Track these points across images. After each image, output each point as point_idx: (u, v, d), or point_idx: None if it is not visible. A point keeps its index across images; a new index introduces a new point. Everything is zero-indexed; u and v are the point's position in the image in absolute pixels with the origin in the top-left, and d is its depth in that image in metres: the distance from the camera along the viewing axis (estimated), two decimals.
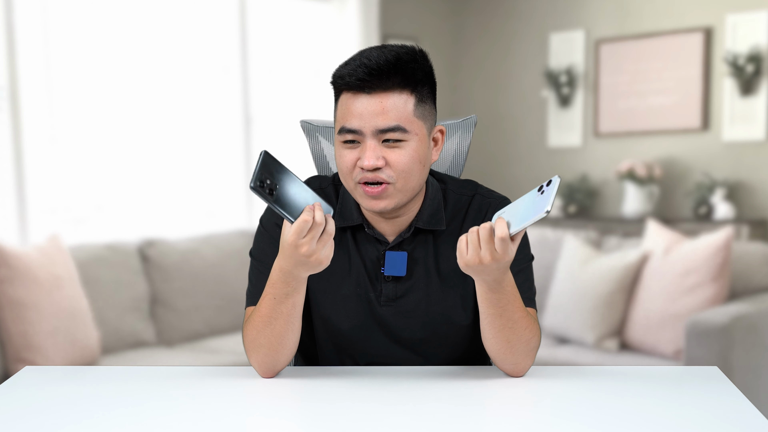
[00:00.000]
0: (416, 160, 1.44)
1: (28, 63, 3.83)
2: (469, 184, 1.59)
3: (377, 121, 1.42)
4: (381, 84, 1.42)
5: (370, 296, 1.53)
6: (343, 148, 1.46)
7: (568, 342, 3.72)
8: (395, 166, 1.43)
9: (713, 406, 1.29)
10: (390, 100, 1.42)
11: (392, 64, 1.42)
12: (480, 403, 1.31)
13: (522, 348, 1.43)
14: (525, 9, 5.95)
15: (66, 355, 3.19)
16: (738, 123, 5.03)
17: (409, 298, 1.52)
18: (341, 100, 1.46)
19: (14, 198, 3.81)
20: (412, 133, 1.44)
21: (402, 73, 1.42)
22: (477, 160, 5.96)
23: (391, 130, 1.42)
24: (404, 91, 1.43)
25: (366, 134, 1.43)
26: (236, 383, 1.44)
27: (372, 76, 1.41)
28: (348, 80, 1.43)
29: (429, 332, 1.54)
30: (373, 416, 1.25)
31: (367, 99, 1.42)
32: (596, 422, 1.22)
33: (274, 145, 4.90)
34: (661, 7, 5.32)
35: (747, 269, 3.56)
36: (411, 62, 1.44)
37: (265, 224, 1.56)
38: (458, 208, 1.56)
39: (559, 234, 4.08)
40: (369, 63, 1.41)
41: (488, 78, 6.16)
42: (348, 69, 1.43)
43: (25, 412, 1.30)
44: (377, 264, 1.53)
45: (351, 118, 1.43)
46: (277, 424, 1.25)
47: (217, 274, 3.94)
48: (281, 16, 4.94)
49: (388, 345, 1.55)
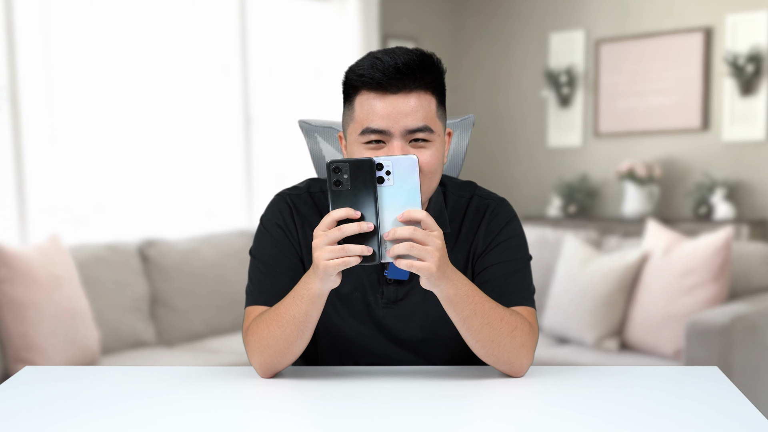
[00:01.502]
0: (439, 160, 1.44)
1: (28, 63, 3.83)
2: (468, 186, 1.59)
3: (407, 121, 1.39)
4: (411, 83, 1.39)
5: (368, 299, 1.52)
6: (364, 149, 1.42)
7: (568, 342, 3.72)
8: (423, 166, 1.41)
9: (713, 406, 1.29)
10: (417, 100, 1.40)
11: (420, 64, 1.40)
12: (480, 403, 1.31)
13: (508, 343, 1.41)
14: (525, 9, 5.95)
15: (66, 355, 3.19)
16: (738, 123, 5.03)
17: (409, 300, 1.52)
18: (360, 100, 1.42)
19: (14, 198, 3.81)
20: (436, 134, 1.42)
21: (430, 74, 1.41)
22: (477, 160, 5.97)
23: (420, 130, 1.40)
24: (428, 91, 1.41)
25: (394, 134, 1.40)
26: (236, 383, 1.44)
27: (402, 74, 1.38)
28: (378, 77, 1.39)
29: (428, 333, 1.54)
30: (373, 416, 1.25)
31: (394, 98, 1.39)
32: (596, 422, 1.22)
33: (274, 145, 4.91)
34: (661, 7, 5.32)
35: (747, 269, 3.57)
36: (437, 65, 1.43)
37: (265, 224, 1.55)
38: (457, 210, 1.55)
39: (559, 234, 4.08)
40: (396, 62, 1.38)
41: (488, 78, 6.16)
42: (372, 66, 1.39)
43: (25, 412, 1.30)
44: (379, 267, 1.53)
45: (376, 119, 1.40)
46: (277, 424, 1.25)
47: (217, 274, 3.94)
48: (281, 16, 4.95)
49: (388, 347, 1.55)
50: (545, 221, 5.52)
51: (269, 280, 1.51)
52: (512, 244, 1.53)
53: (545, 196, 5.85)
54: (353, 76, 1.42)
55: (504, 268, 1.50)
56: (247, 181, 4.82)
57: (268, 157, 4.90)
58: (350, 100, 1.44)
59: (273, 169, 4.88)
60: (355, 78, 1.42)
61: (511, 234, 1.53)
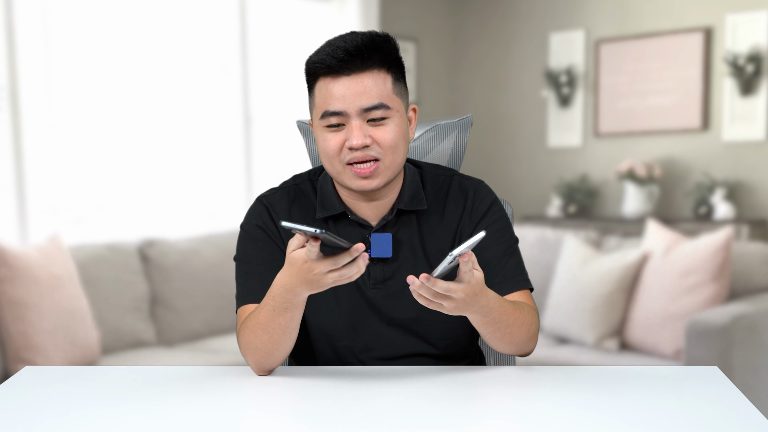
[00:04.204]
0: (400, 135, 1.48)
1: (28, 63, 3.83)
2: (443, 168, 1.64)
3: (361, 101, 1.44)
4: (362, 64, 1.44)
5: (358, 281, 1.54)
6: (326, 132, 1.48)
7: (568, 342, 3.72)
8: (382, 142, 1.46)
9: (713, 406, 1.29)
10: (370, 79, 1.45)
11: (368, 45, 1.44)
12: (480, 403, 1.31)
13: (522, 339, 1.49)
14: (525, 9, 5.95)
15: (66, 355, 3.19)
16: (738, 123, 5.03)
17: (397, 279, 1.54)
18: (319, 86, 1.48)
19: (14, 198, 3.81)
20: (393, 110, 1.47)
21: (380, 52, 1.45)
22: (477, 160, 5.97)
23: (375, 108, 1.45)
24: (382, 69, 1.46)
25: (351, 115, 1.45)
26: (236, 383, 1.44)
27: (351, 56, 1.43)
28: (329, 62, 1.44)
29: (419, 311, 1.54)
30: (373, 416, 1.25)
31: (347, 80, 1.44)
32: (596, 422, 1.22)
33: (274, 146, 4.91)
34: (661, 7, 5.32)
35: (747, 269, 3.57)
36: (385, 42, 1.47)
37: (245, 228, 1.60)
38: (438, 188, 1.59)
39: (559, 234, 4.08)
40: (346, 45, 1.44)
41: (488, 78, 6.16)
42: (325, 53, 1.45)
43: (25, 412, 1.30)
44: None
45: (333, 101, 1.45)
46: (277, 424, 1.25)
47: (217, 274, 3.94)
48: (281, 16, 4.94)
49: (381, 327, 1.56)
50: (545, 221, 5.52)
51: (255, 279, 1.54)
52: (500, 225, 1.58)
53: (545, 196, 5.85)
54: (310, 63, 1.49)
55: (498, 251, 1.55)
56: (247, 181, 4.82)
57: (268, 158, 4.90)
58: (311, 88, 1.51)
59: (273, 170, 4.88)
60: (311, 66, 1.49)
61: (497, 216, 1.58)
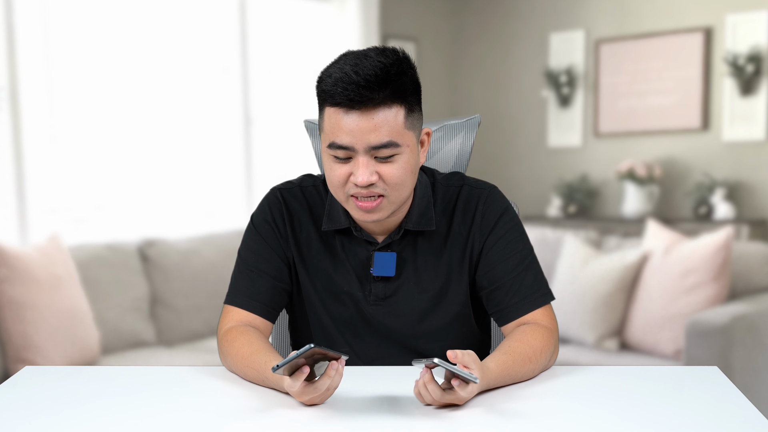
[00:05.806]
0: (408, 171, 1.43)
1: (28, 63, 3.83)
2: (456, 176, 1.58)
3: (369, 138, 1.38)
4: (371, 100, 1.36)
5: (358, 296, 1.53)
6: (333, 161, 1.43)
7: (568, 342, 3.72)
8: (389, 179, 1.41)
9: (713, 406, 1.29)
10: (381, 116, 1.38)
11: (381, 78, 1.36)
12: (479, 403, 1.31)
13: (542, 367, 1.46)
14: (525, 9, 5.94)
15: (66, 355, 3.19)
16: (738, 123, 5.02)
17: (398, 297, 1.53)
18: (328, 113, 1.41)
19: (14, 198, 3.81)
20: (403, 146, 1.41)
21: (392, 87, 1.37)
22: (477, 160, 5.93)
23: (384, 147, 1.39)
24: (394, 104, 1.39)
25: (358, 150, 1.39)
26: (236, 383, 1.44)
27: (361, 91, 1.36)
28: (338, 99, 1.37)
29: (418, 329, 1.54)
30: (374, 416, 1.25)
31: (357, 116, 1.37)
32: (596, 422, 1.22)
33: (274, 146, 4.90)
34: (661, 7, 5.32)
35: (747, 269, 3.57)
36: (400, 74, 1.38)
37: (255, 221, 1.57)
38: (447, 201, 1.55)
39: (559, 234, 4.08)
40: (357, 79, 1.35)
41: (488, 78, 6.16)
42: (334, 83, 1.37)
43: (25, 412, 1.30)
44: (366, 264, 1.53)
45: (341, 134, 1.39)
46: (277, 424, 1.25)
47: (217, 274, 3.94)
48: (281, 16, 4.94)
49: (379, 342, 1.55)
50: (545, 221, 5.52)
51: (245, 281, 1.54)
52: (512, 236, 1.53)
53: (545, 196, 5.85)
54: (322, 87, 1.41)
55: (511, 264, 1.51)
56: (247, 181, 4.82)
57: (268, 158, 4.90)
58: (321, 107, 1.45)
59: (273, 170, 4.88)
60: (321, 93, 1.42)
61: (509, 226, 1.53)
